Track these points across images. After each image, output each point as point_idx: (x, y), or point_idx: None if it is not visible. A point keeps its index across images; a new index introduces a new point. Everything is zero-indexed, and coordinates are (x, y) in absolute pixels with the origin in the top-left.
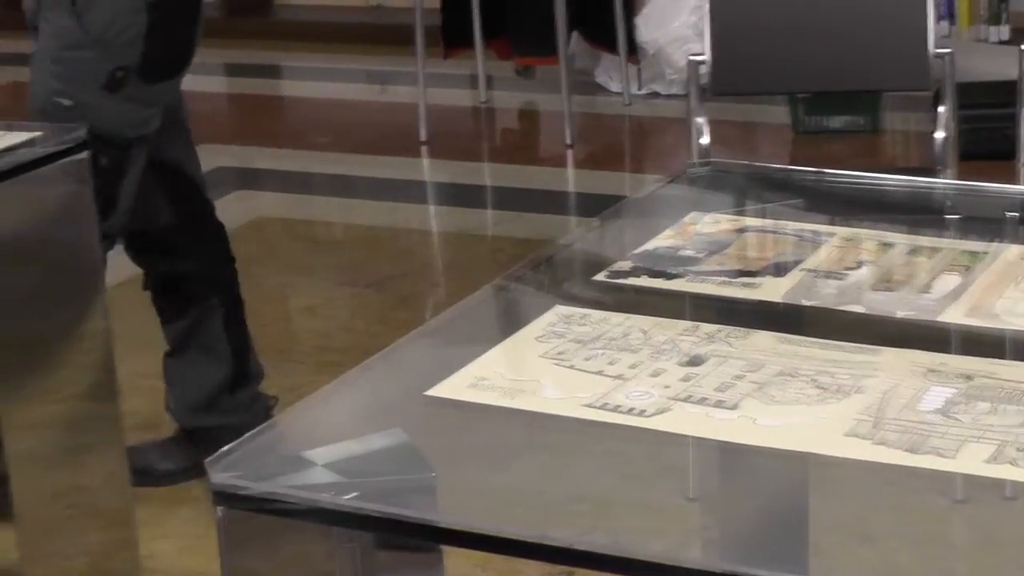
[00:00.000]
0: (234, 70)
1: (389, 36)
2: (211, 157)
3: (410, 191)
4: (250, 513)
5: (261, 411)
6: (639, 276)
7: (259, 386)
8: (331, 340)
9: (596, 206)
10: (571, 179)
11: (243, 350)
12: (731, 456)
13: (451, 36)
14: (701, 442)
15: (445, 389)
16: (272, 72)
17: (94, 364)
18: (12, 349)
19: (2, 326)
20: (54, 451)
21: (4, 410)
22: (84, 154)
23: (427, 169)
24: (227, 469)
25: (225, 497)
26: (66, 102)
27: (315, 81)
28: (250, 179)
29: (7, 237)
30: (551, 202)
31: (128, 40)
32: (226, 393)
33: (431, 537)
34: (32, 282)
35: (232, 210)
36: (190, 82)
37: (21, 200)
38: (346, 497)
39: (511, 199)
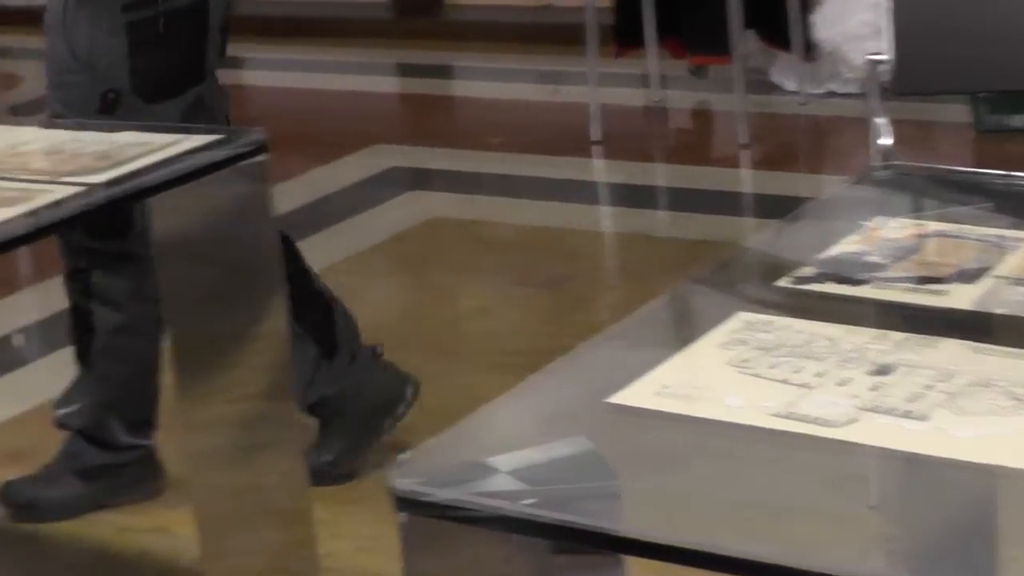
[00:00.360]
0: (405, 70)
1: (560, 35)
2: (384, 158)
3: (582, 191)
4: (432, 519)
5: (366, 363)
6: (824, 282)
7: (355, 344)
8: (504, 341)
9: (771, 208)
10: (745, 180)
11: (320, 323)
12: (918, 467)
13: (624, 35)
14: (886, 452)
15: (627, 396)
16: (443, 72)
17: (270, 364)
18: (192, 347)
19: (182, 324)
20: (231, 450)
21: (183, 408)
22: (262, 156)
23: (599, 169)
24: (410, 475)
25: (407, 503)
26: None
27: (486, 81)
28: (422, 179)
29: (188, 237)
30: (725, 203)
31: (111, 62)
32: (324, 365)
33: (613, 547)
34: (211, 281)
35: (404, 210)
36: (365, 82)
37: (202, 201)
38: (527, 504)
39: (684, 200)
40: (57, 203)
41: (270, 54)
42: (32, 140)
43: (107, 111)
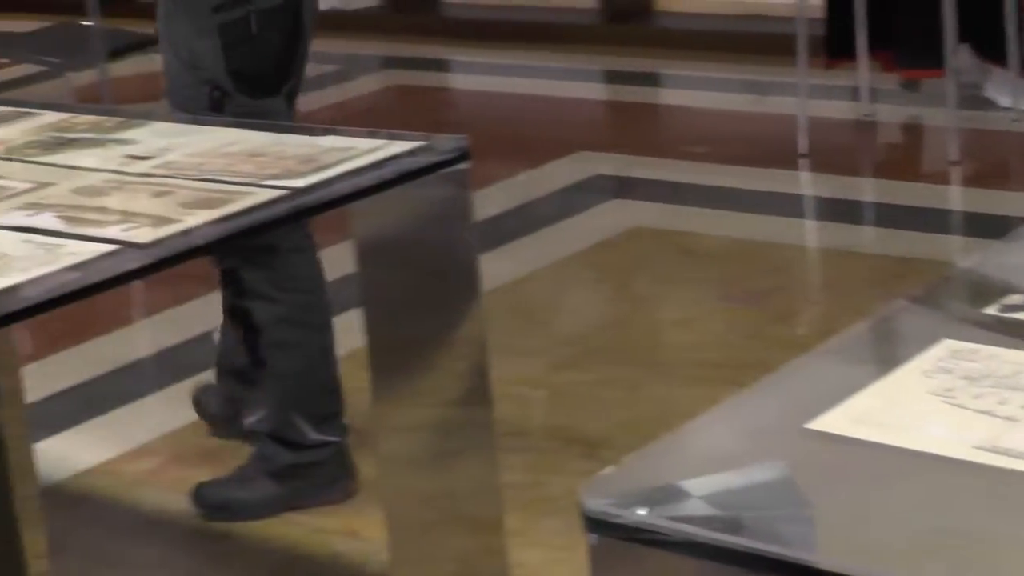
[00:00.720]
0: (612, 77)
1: (769, 45)
2: (589, 165)
3: (787, 204)
4: (622, 541)
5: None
6: None
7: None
8: (704, 353)
9: (981, 227)
10: (955, 197)
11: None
12: None
13: (834, 46)
14: None
15: (827, 422)
16: (649, 79)
17: (468, 369)
18: (390, 351)
19: (380, 328)
20: (425, 455)
21: (378, 412)
22: (464, 164)
23: (805, 182)
24: (601, 494)
25: (598, 523)
26: None
27: (692, 90)
28: (626, 188)
29: (388, 241)
30: (933, 221)
31: (210, 63)
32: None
33: None
34: (412, 285)
35: (608, 219)
36: (571, 87)
37: (402, 206)
38: (720, 530)
39: (891, 216)
40: (259, 206)
41: (478, 58)
42: (238, 141)
43: (216, 109)
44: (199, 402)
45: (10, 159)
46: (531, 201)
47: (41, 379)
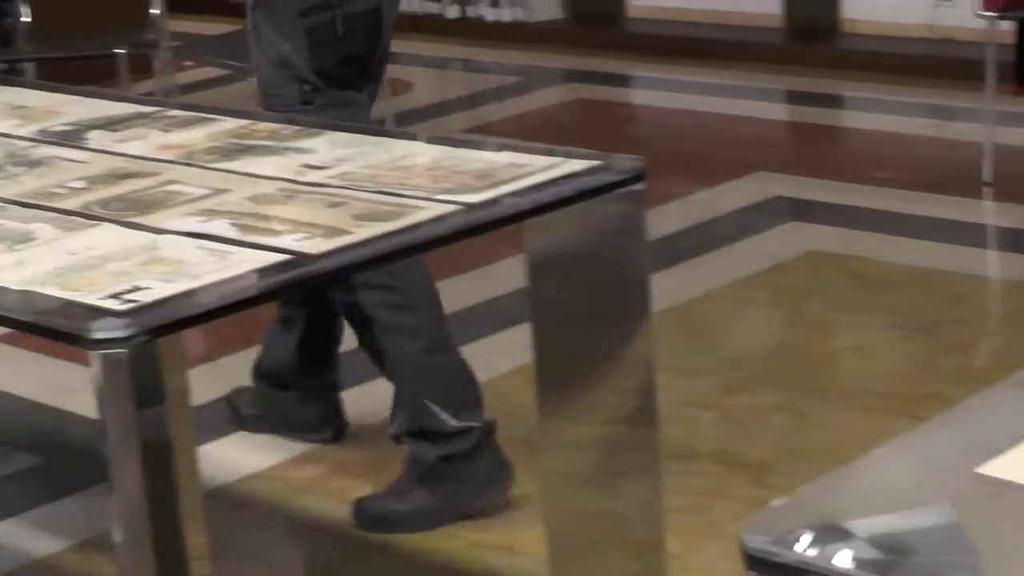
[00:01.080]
0: (794, 97)
1: (956, 70)
2: (767, 185)
3: (968, 233)
4: None
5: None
6: None
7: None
8: (875, 383)
9: None
10: None
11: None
12: None
13: None
14: None
15: (1000, 467)
16: (832, 101)
17: (635, 388)
18: (558, 367)
19: (550, 343)
20: (589, 473)
21: (544, 427)
22: (639, 185)
23: (989, 212)
24: (762, 531)
25: (757, 561)
26: None
27: (875, 113)
28: (804, 210)
29: (560, 258)
30: None
31: (299, 61)
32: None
33: None
34: (582, 301)
35: (784, 241)
36: (753, 107)
37: (579, 222)
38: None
39: None
40: (431, 221)
41: (660, 73)
42: (416, 154)
43: (308, 102)
44: (232, 402)
45: (188, 164)
46: (707, 220)
47: (211, 382)
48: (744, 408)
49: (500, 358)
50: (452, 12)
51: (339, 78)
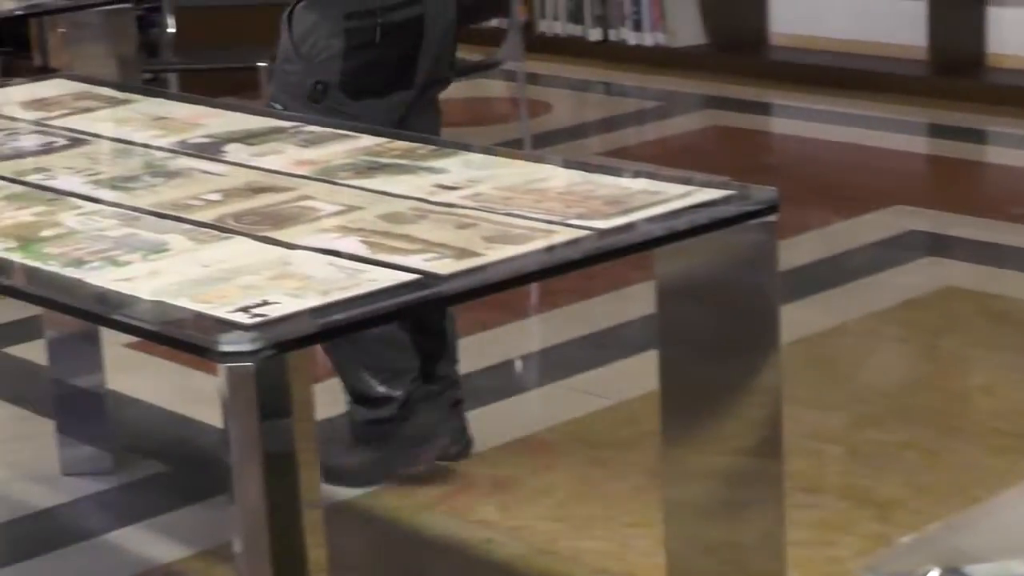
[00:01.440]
0: (937, 131)
1: None
2: (904, 219)
3: None
4: None
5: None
6: None
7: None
8: (1007, 423)
9: None
10: None
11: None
12: None
13: None
14: None
15: None
16: (975, 136)
17: (761, 419)
18: (684, 394)
19: (676, 372)
20: (711, 503)
21: (668, 456)
22: (773, 216)
23: None
24: (886, 570)
25: None
26: (278, 107)
27: (1019, 149)
28: (941, 246)
29: (693, 283)
30: None
31: (327, 58)
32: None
33: None
34: (710, 330)
35: (919, 276)
36: (894, 139)
37: (710, 250)
38: None
39: None
40: (560, 246)
41: (801, 103)
42: (549, 177)
43: (315, 100)
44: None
45: (322, 180)
46: (843, 252)
47: (340, 396)
48: (872, 443)
49: (629, 383)
50: (594, 35)
51: (360, 82)
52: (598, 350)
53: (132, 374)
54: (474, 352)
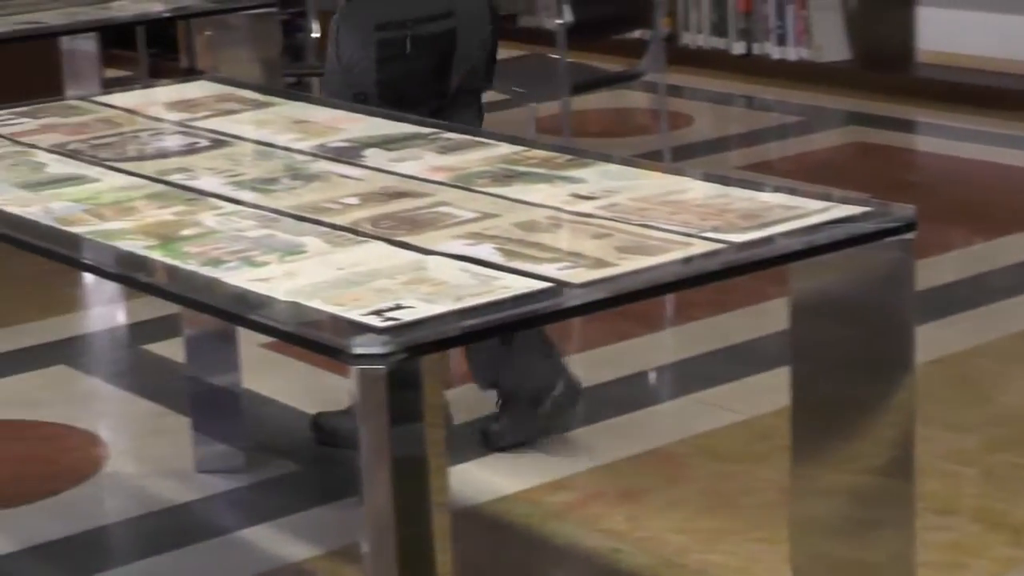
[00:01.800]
0: None
1: None
2: None
3: None
4: None
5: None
6: None
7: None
8: None
9: None
10: None
11: None
12: None
13: None
14: None
15: None
16: None
17: (894, 439)
18: (817, 411)
19: (809, 388)
20: (841, 522)
21: (798, 472)
22: (911, 234)
23: None
24: None
25: None
26: None
27: None
28: None
29: (828, 300)
30: None
31: (362, 70)
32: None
33: None
34: (844, 347)
35: None
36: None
37: (846, 267)
38: None
39: None
40: (693, 258)
41: (947, 121)
42: (685, 189)
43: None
44: (317, 424)
45: (459, 187)
46: (984, 273)
47: (476, 402)
48: (1008, 466)
49: (763, 398)
50: (738, 48)
51: (398, 92)
52: (733, 364)
53: (267, 374)
54: (610, 362)
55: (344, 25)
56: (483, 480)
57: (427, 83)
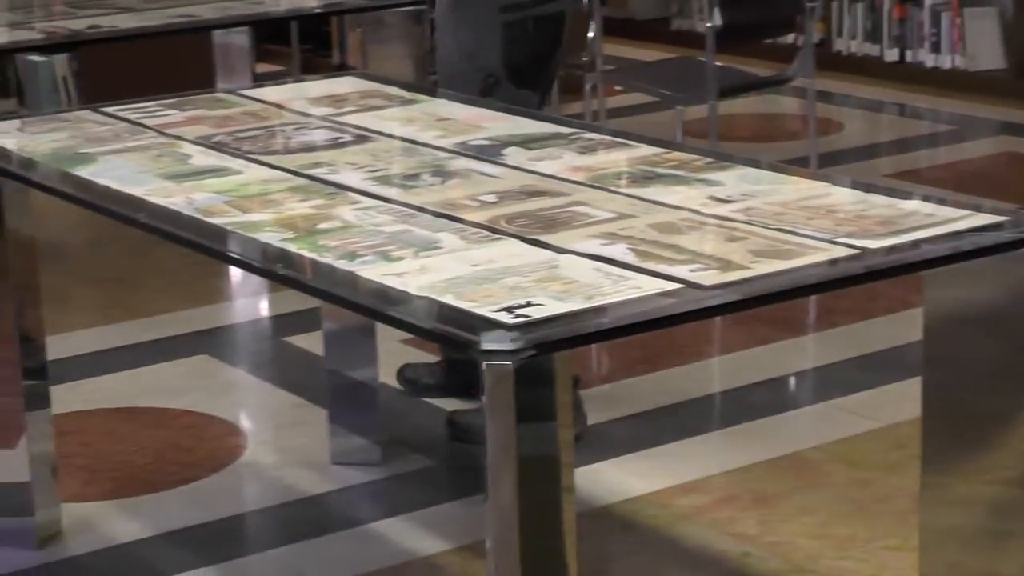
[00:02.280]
0: None
1: None
2: None
3: None
4: None
5: None
6: None
7: None
8: None
9: None
10: None
11: None
12: None
13: None
14: None
15: None
16: None
17: None
18: (949, 421)
19: (942, 397)
20: (972, 532)
21: (928, 482)
22: None
23: None
24: None
25: None
26: None
27: None
28: None
29: (962, 310)
30: None
31: (489, 54)
32: None
33: None
34: (980, 358)
35: None
36: None
37: (980, 276)
38: None
39: None
40: (827, 263)
41: None
42: (824, 195)
43: (486, 94)
44: (404, 375)
45: (597, 187)
46: None
47: (611, 402)
48: None
49: (900, 407)
50: (891, 55)
51: (524, 75)
52: (872, 372)
53: None
54: (749, 367)
55: (460, 12)
56: (613, 480)
57: (542, 63)
